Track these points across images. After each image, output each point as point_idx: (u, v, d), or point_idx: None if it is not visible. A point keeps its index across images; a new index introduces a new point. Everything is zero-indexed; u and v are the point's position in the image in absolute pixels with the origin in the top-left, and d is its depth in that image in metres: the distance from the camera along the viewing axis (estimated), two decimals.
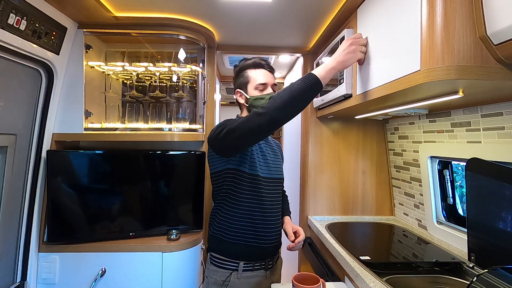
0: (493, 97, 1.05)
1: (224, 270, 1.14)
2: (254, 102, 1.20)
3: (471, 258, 1.10)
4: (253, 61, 1.24)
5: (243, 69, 1.25)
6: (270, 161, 1.24)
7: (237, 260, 1.14)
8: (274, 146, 1.34)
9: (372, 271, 1.07)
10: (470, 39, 0.79)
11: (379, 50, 1.11)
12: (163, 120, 1.72)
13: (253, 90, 1.22)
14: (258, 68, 1.23)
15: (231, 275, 1.13)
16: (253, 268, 1.15)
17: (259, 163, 1.17)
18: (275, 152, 1.31)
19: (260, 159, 1.19)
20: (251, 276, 1.15)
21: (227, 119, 1.09)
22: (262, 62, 1.24)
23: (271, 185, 1.20)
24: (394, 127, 1.81)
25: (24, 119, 1.35)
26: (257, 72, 1.23)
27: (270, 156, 1.25)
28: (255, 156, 1.16)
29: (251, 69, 1.24)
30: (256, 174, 1.15)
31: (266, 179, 1.18)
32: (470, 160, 1.08)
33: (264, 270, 1.18)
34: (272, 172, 1.22)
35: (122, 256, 1.48)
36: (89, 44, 1.57)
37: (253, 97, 1.21)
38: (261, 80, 1.21)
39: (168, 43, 1.73)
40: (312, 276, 0.96)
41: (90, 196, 1.56)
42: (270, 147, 1.30)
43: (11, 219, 1.31)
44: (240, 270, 1.13)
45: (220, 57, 2.28)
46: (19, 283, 1.35)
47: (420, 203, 1.60)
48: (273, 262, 1.23)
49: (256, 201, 1.15)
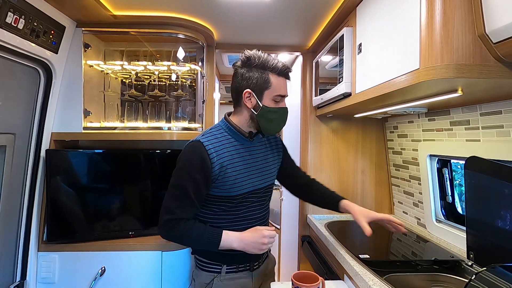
0: (492, 96, 1.05)
1: (207, 273, 1.10)
2: (266, 114, 1.04)
3: (470, 256, 1.10)
4: (280, 66, 1.03)
5: (265, 69, 1.03)
6: (256, 170, 1.11)
7: (219, 263, 1.09)
8: (267, 146, 1.20)
9: (371, 269, 1.07)
10: (469, 38, 0.79)
11: (378, 49, 1.11)
12: (162, 119, 1.72)
13: (269, 100, 1.04)
14: (281, 76, 1.05)
15: (214, 279, 1.09)
16: (237, 270, 1.10)
17: (240, 181, 1.06)
18: (266, 154, 1.17)
19: (242, 175, 1.06)
20: (235, 277, 1.10)
21: (175, 188, 1.03)
22: (287, 70, 1.06)
23: (258, 195, 1.12)
24: (393, 125, 1.81)
25: (23, 118, 1.35)
26: (280, 80, 1.05)
27: (258, 163, 1.12)
28: (233, 176, 1.04)
29: (274, 74, 1.04)
30: (237, 194, 1.05)
31: (250, 193, 1.08)
32: (469, 159, 1.08)
33: (249, 271, 1.12)
34: (258, 182, 1.11)
35: (122, 255, 1.48)
36: (88, 43, 1.57)
37: (267, 108, 1.04)
38: (282, 92, 1.05)
39: (167, 42, 1.72)
40: (312, 275, 0.96)
41: (90, 195, 1.56)
42: (261, 150, 1.15)
43: (10, 218, 1.31)
44: (223, 273, 1.09)
45: (219, 55, 2.27)
46: (19, 282, 1.35)
47: (419, 201, 1.61)
48: (258, 263, 1.16)
49: (241, 213, 1.08)
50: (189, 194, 1.00)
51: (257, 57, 1.04)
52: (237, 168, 1.05)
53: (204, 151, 1.00)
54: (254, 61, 1.03)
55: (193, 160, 1.00)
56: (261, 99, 1.04)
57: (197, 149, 1.01)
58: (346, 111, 1.62)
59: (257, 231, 1.02)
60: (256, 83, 1.03)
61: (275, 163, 1.21)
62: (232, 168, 1.04)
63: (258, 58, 1.03)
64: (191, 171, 1.00)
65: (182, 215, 1.00)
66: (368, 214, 1.16)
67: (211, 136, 1.06)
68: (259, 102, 1.03)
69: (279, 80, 1.04)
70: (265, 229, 1.02)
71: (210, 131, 1.09)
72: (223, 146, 1.05)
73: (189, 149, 1.04)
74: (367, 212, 1.16)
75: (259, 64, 1.03)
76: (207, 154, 1.00)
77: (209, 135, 1.06)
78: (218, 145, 1.04)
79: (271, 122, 1.06)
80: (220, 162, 1.02)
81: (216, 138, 1.06)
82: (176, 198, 1.01)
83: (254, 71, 1.04)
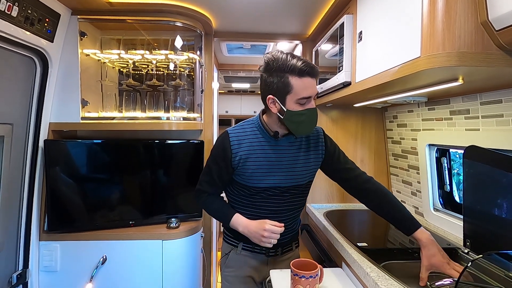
0: (493, 84, 1.04)
1: (228, 244, 1.22)
2: (292, 118, 1.01)
3: (466, 244, 1.12)
4: (299, 66, 0.96)
5: (284, 72, 0.97)
6: (280, 169, 1.09)
7: (238, 239, 1.18)
8: (303, 146, 1.14)
9: (369, 257, 1.08)
10: (472, 25, 0.78)
11: (379, 37, 1.10)
12: (160, 109, 1.71)
13: (293, 103, 0.99)
14: (304, 77, 0.97)
15: (231, 251, 1.20)
16: (252, 249, 1.17)
17: (259, 175, 1.08)
18: (297, 154, 1.12)
19: (262, 170, 1.08)
20: (250, 256, 1.18)
21: (205, 168, 1.17)
22: (309, 69, 0.97)
23: (279, 191, 1.11)
24: (393, 115, 1.80)
25: (20, 108, 1.34)
26: (302, 82, 0.97)
27: (283, 163, 1.10)
28: (252, 169, 1.07)
29: (295, 76, 0.97)
30: (253, 186, 1.09)
31: (269, 189, 1.10)
32: (468, 148, 1.08)
33: (265, 255, 1.18)
34: (280, 181, 1.09)
35: (123, 244, 1.50)
36: (84, 31, 1.54)
37: (291, 112, 1.00)
38: (305, 94, 0.98)
39: (164, 30, 1.69)
40: (310, 263, 0.98)
41: (89, 185, 1.56)
42: (290, 150, 1.11)
43: (10, 208, 1.32)
44: (239, 248, 1.18)
45: (217, 44, 2.24)
46: (21, 270, 1.37)
47: (418, 190, 1.62)
48: (276, 251, 1.19)
49: (257, 203, 1.12)
50: (213, 175, 1.12)
51: (275, 61, 0.98)
52: (257, 162, 1.08)
53: (227, 142, 1.08)
54: (272, 65, 0.99)
55: (218, 148, 1.11)
56: (284, 104, 1.00)
57: (223, 138, 1.10)
58: (346, 100, 1.61)
59: (261, 224, 1.05)
60: (277, 88, 0.99)
61: (311, 163, 1.16)
62: (252, 161, 1.08)
63: (276, 61, 0.98)
64: (216, 157, 1.11)
65: (206, 189, 1.16)
66: (435, 262, 0.97)
67: (240, 128, 1.13)
68: (283, 107, 1.00)
69: (302, 81, 0.97)
70: (269, 223, 1.04)
71: (242, 123, 1.15)
72: (248, 139, 1.10)
73: (218, 138, 1.13)
74: (435, 259, 0.97)
75: (278, 67, 0.98)
76: (229, 145, 1.08)
77: (239, 127, 1.13)
78: (243, 137, 1.10)
79: (299, 125, 1.03)
80: (240, 154, 1.07)
81: (244, 130, 1.12)
82: (205, 174, 1.16)
83: (274, 76, 0.99)
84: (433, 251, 0.97)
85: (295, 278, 0.93)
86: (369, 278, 0.95)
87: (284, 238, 1.17)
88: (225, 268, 1.21)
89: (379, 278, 0.93)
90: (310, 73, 0.98)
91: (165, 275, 1.51)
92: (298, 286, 0.93)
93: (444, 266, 0.95)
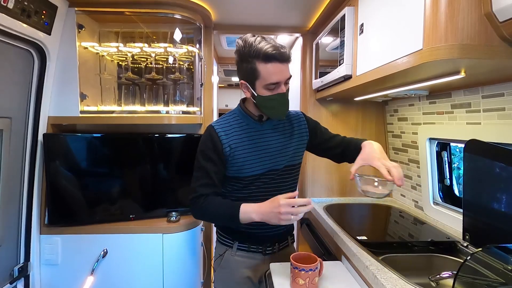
0: (495, 77, 1.03)
1: (222, 245, 1.18)
2: (263, 103, 1.02)
3: (465, 237, 1.12)
4: (263, 51, 0.94)
5: (250, 58, 0.97)
6: (270, 152, 1.09)
7: (232, 239, 1.15)
8: (287, 128, 1.16)
9: (368, 250, 1.09)
10: (475, 16, 0.77)
11: (381, 29, 1.08)
12: (160, 102, 1.70)
13: (262, 89, 1.00)
14: (270, 62, 0.95)
15: (226, 252, 1.16)
16: (248, 249, 1.14)
17: (250, 163, 1.07)
18: (284, 136, 1.14)
19: (252, 157, 1.07)
20: (245, 256, 1.14)
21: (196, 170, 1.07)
22: (274, 53, 0.95)
23: (273, 176, 1.10)
24: (394, 109, 1.79)
25: (19, 102, 1.33)
26: (269, 67, 0.96)
27: (271, 145, 1.10)
28: (243, 158, 1.06)
29: (261, 62, 0.96)
30: (246, 176, 1.07)
31: (263, 175, 1.09)
32: (469, 142, 1.08)
33: (261, 254, 1.15)
34: (272, 164, 1.09)
35: (123, 237, 1.50)
36: (81, 23, 1.52)
37: (262, 97, 1.01)
38: (273, 79, 0.97)
39: (163, 23, 1.67)
40: (310, 256, 0.98)
41: (89, 179, 1.56)
42: (275, 132, 1.13)
43: (11, 202, 1.32)
44: (234, 248, 1.14)
45: (217, 37, 2.22)
46: (23, 263, 1.38)
47: (418, 184, 1.62)
48: (273, 248, 1.17)
49: (253, 193, 1.09)
50: (207, 172, 1.05)
51: (244, 46, 0.98)
52: (246, 149, 1.07)
53: (214, 133, 1.06)
54: (242, 51, 0.99)
55: (206, 142, 1.07)
56: (254, 89, 1.02)
57: (209, 132, 1.08)
58: (346, 94, 1.60)
59: (273, 202, 0.95)
60: (246, 74, 1.01)
61: (297, 144, 1.17)
62: (241, 149, 1.06)
63: (244, 46, 0.98)
64: (206, 151, 1.06)
65: (202, 191, 1.04)
66: (366, 157, 1.05)
67: (223, 120, 1.12)
68: (253, 92, 1.02)
69: (268, 66, 0.96)
70: (282, 198, 0.93)
71: (223, 116, 1.14)
72: (233, 128, 1.09)
73: (203, 134, 1.11)
74: (366, 155, 1.06)
75: (246, 53, 0.98)
76: (217, 135, 1.06)
77: (221, 120, 1.12)
78: (228, 127, 1.09)
79: (272, 109, 1.05)
80: (229, 144, 1.06)
81: (227, 121, 1.11)
82: (196, 178, 1.07)
83: (244, 61, 1.00)
84: (368, 149, 1.06)
85: (295, 271, 0.94)
86: (368, 271, 0.95)
87: (279, 230, 1.16)
88: (220, 269, 1.16)
89: (378, 271, 0.93)
90: (278, 57, 0.96)
91: (165, 268, 1.52)
92: (298, 279, 0.93)
93: (374, 160, 1.02)
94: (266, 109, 1.05)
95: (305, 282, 0.93)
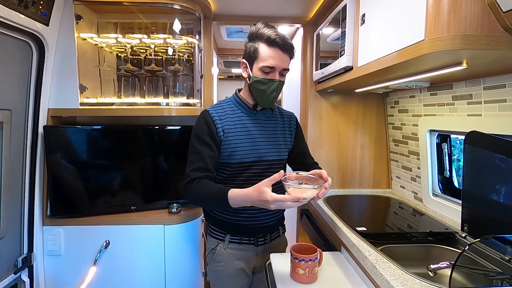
0: (497, 69, 1.02)
1: (213, 239, 1.19)
2: (255, 84, 1.06)
3: (464, 228, 1.13)
4: (269, 34, 1.01)
5: (257, 39, 1.04)
6: (262, 142, 1.12)
7: (224, 232, 1.16)
8: (279, 122, 1.20)
9: (368, 241, 1.10)
10: (478, 6, 0.75)
11: (382, 19, 1.07)
12: (160, 94, 1.69)
13: (258, 70, 1.04)
14: (272, 47, 1.02)
15: (217, 245, 1.17)
16: (240, 241, 1.15)
17: (241, 149, 1.08)
18: (276, 128, 1.17)
19: (244, 144, 1.09)
20: (238, 248, 1.15)
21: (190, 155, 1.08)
22: (277, 40, 1.01)
23: (262, 167, 1.11)
24: (395, 100, 1.78)
25: (18, 94, 1.33)
26: (269, 51, 1.02)
27: (263, 135, 1.13)
28: (234, 143, 1.08)
29: (264, 44, 1.02)
30: (237, 162, 1.08)
31: (254, 163, 1.10)
32: (469, 133, 1.08)
33: (253, 245, 1.16)
34: (263, 154, 1.11)
35: (125, 228, 1.52)
36: (80, 14, 1.50)
37: (255, 78, 1.05)
38: (269, 63, 1.02)
39: (162, 13, 1.65)
40: (310, 246, 0.99)
41: (90, 170, 1.57)
42: (269, 123, 1.16)
43: (13, 194, 1.33)
44: (226, 241, 1.15)
45: (217, 28, 2.19)
46: (26, 254, 1.40)
47: (417, 176, 1.62)
48: (265, 239, 1.18)
49: (240, 183, 1.08)
50: (202, 156, 1.05)
51: (254, 28, 1.05)
52: (238, 135, 1.09)
53: (208, 117, 1.09)
54: (251, 32, 1.06)
55: (201, 125, 1.09)
56: (251, 69, 1.07)
57: (203, 115, 1.11)
58: (347, 85, 1.59)
59: (260, 195, 0.89)
60: (249, 53, 1.07)
61: (285, 140, 1.20)
62: (233, 134, 1.09)
63: (254, 29, 1.05)
64: (200, 135, 1.07)
65: (195, 175, 1.04)
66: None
67: (217, 105, 1.15)
68: (249, 73, 1.07)
69: (270, 51, 1.02)
70: (268, 192, 0.88)
71: (219, 103, 1.17)
72: (227, 114, 1.12)
73: (197, 119, 1.12)
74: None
75: (253, 33, 1.05)
76: (211, 119, 1.08)
77: (216, 105, 1.16)
78: (222, 113, 1.11)
79: (261, 93, 1.07)
80: (223, 127, 1.08)
81: (222, 107, 1.14)
82: (190, 162, 1.07)
83: (250, 42, 1.07)
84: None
85: (295, 262, 0.95)
86: (367, 261, 0.97)
87: (271, 220, 1.18)
88: (213, 263, 1.17)
89: (378, 261, 0.94)
90: (280, 45, 1.02)
91: (167, 259, 1.54)
92: (297, 269, 0.95)
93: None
94: (255, 92, 1.08)
95: (305, 272, 0.94)
